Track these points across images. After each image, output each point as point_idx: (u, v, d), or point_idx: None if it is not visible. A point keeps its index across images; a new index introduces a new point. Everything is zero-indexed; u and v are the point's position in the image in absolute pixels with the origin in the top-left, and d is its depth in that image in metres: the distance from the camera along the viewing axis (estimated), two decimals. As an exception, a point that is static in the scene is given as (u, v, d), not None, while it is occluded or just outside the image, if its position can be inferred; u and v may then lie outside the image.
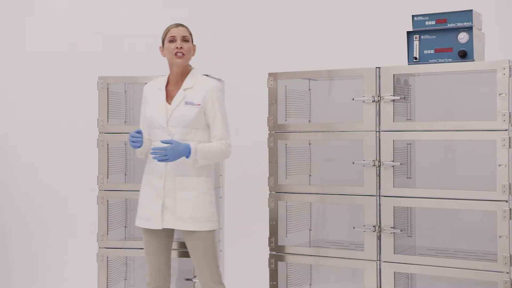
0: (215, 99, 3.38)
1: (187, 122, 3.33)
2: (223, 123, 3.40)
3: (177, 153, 3.25)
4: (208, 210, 3.37)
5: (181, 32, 3.42)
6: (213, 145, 3.36)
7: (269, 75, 3.89)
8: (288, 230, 3.94)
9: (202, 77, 3.47)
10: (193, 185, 3.35)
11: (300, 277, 4.02)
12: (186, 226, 3.32)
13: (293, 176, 3.98)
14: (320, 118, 4.09)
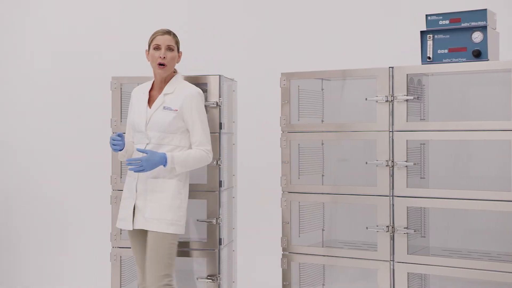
0: (193, 105, 3.42)
1: (164, 126, 3.39)
2: (201, 129, 3.43)
3: (153, 163, 3.31)
4: (175, 213, 3.42)
5: (166, 41, 3.46)
6: (191, 152, 3.41)
7: (282, 75, 3.88)
8: (301, 230, 3.94)
9: (183, 83, 3.53)
10: (163, 187, 3.41)
11: (313, 277, 4.02)
12: (152, 227, 3.39)
13: (306, 176, 3.97)
14: (333, 118, 4.08)
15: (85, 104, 5.11)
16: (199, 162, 3.45)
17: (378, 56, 4.52)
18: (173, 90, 3.46)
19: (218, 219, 3.84)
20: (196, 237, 4.01)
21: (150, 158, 3.31)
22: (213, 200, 3.85)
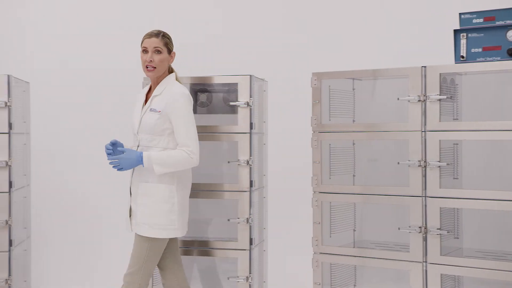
0: (176, 105, 3.37)
1: (149, 128, 3.39)
2: (185, 130, 3.37)
3: (130, 162, 3.33)
4: (162, 217, 3.39)
5: (153, 44, 3.43)
6: (171, 152, 3.36)
7: (313, 75, 3.87)
8: (332, 231, 3.92)
9: (172, 84, 3.47)
10: (153, 191, 3.40)
11: (344, 278, 4.00)
12: (142, 232, 3.39)
13: (337, 176, 3.96)
14: (364, 118, 4.06)
15: (117, 104, 5.14)
16: (180, 163, 3.36)
17: (410, 55, 4.48)
18: (161, 91, 3.44)
19: (249, 219, 3.84)
20: (227, 237, 4.02)
21: (126, 157, 3.33)
22: (244, 200, 3.86)
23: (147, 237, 3.39)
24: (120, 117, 4.99)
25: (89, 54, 5.19)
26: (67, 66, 5.25)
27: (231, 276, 3.91)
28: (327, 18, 4.90)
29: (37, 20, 5.17)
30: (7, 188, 3.95)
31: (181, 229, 3.48)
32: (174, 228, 3.43)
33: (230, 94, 4.13)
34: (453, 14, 3.69)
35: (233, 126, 3.90)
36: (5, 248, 3.93)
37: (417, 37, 4.55)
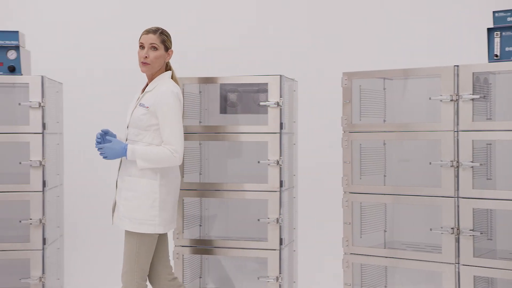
0: (163, 103, 3.38)
1: (136, 123, 3.42)
2: (169, 128, 3.37)
3: (114, 152, 3.38)
4: (146, 212, 3.39)
5: (149, 40, 3.44)
6: (155, 149, 3.37)
7: (344, 74, 3.86)
8: (363, 231, 3.90)
9: (165, 81, 3.48)
10: (135, 186, 3.41)
11: (375, 279, 3.97)
12: (123, 225, 3.43)
13: (368, 177, 3.93)
14: (395, 118, 4.03)
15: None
16: (163, 160, 3.36)
17: (442, 54, 4.43)
18: (152, 88, 3.46)
19: (279, 219, 3.84)
20: (257, 236, 4.03)
21: (111, 147, 3.38)
22: (274, 200, 3.86)
23: (135, 232, 3.40)
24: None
25: (121, 55, 5.23)
26: (99, 67, 5.31)
27: (261, 276, 3.91)
28: (357, 17, 4.87)
29: (71, 22, 5.24)
30: (41, 188, 4.01)
31: (163, 226, 3.45)
32: (154, 224, 3.40)
33: (260, 94, 4.14)
34: (486, 13, 3.64)
35: (263, 126, 3.91)
36: (39, 247, 3.99)
37: (449, 35, 4.49)
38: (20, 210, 4.13)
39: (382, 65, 4.06)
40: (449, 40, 4.49)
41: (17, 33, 4.09)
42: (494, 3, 4.03)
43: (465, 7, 4.49)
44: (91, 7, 5.29)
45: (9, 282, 4.30)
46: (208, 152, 4.30)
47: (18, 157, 4.06)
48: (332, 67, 4.49)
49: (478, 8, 4.32)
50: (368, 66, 4.02)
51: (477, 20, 4.00)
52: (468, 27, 4.35)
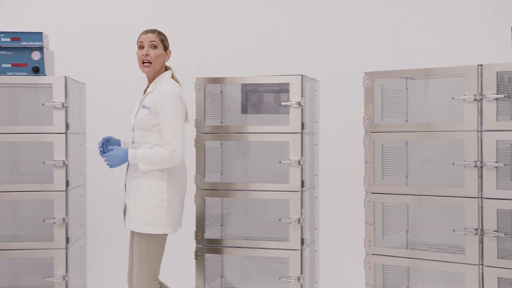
0: (164, 103, 3.38)
1: (140, 125, 3.45)
2: (169, 128, 3.37)
3: (117, 159, 3.41)
4: (154, 213, 3.42)
5: (149, 38, 3.46)
6: (154, 150, 3.39)
7: (365, 74, 3.84)
8: (385, 232, 3.88)
9: (165, 80, 3.48)
10: (142, 187, 3.44)
11: (397, 279, 3.95)
12: (133, 227, 3.47)
13: (390, 177, 3.91)
14: (418, 118, 4.00)
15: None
16: (163, 161, 3.38)
17: (465, 53, 4.39)
18: (153, 88, 3.48)
19: (300, 219, 3.84)
20: (278, 237, 4.03)
21: (114, 154, 3.41)
22: (295, 200, 3.85)
23: (144, 233, 3.43)
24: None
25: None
26: (122, 67, 5.35)
27: (282, 276, 3.91)
28: (379, 17, 4.85)
29: (94, 23, 5.28)
30: (64, 187, 4.05)
31: (172, 226, 3.49)
32: (162, 224, 3.44)
33: (281, 94, 4.13)
34: (510, 11, 3.60)
35: (285, 126, 3.90)
36: (62, 246, 4.03)
37: (472, 34, 4.45)
38: (44, 209, 4.17)
39: (404, 65, 4.04)
40: (472, 39, 4.45)
41: (41, 34, 4.13)
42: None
43: (489, 6, 4.44)
44: (114, 8, 5.33)
45: (33, 281, 4.35)
46: (229, 152, 4.31)
47: (42, 157, 4.11)
48: (354, 67, 4.47)
49: (502, 6, 4.28)
50: (390, 66, 4.00)
51: (501, 19, 3.96)
52: (492, 25, 4.30)
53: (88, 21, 5.28)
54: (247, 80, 4.11)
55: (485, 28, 4.40)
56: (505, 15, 3.85)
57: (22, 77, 4.10)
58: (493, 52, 4.12)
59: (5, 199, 4.22)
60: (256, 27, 5.11)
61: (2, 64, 4.10)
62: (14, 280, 4.48)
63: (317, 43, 4.96)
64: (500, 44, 3.90)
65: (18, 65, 4.10)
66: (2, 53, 4.10)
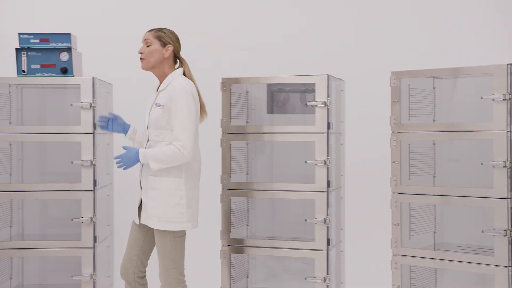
0: (177, 99, 3.41)
1: (155, 123, 3.48)
2: (180, 124, 3.39)
3: (130, 160, 3.46)
4: (173, 210, 3.45)
5: (144, 37, 3.56)
6: (163, 149, 3.41)
7: (392, 73, 3.81)
8: (412, 232, 3.85)
9: (176, 78, 3.51)
10: (160, 184, 3.47)
11: (424, 281, 3.92)
12: (152, 224, 3.48)
13: (417, 177, 3.88)
14: (445, 117, 3.96)
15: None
16: (171, 158, 3.40)
17: (493, 52, 4.34)
18: (165, 86, 3.52)
19: (326, 220, 3.83)
20: (303, 237, 4.02)
21: (127, 155, 3.45)
22: (321, 200, 3.84)
23: (166, 230, 3.45)
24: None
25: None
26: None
27: (308, 276, 3.90)
28: (406, 15, 4.81)
29: (121, 23, 5.32)
30: (91, 187, 4.10)
31: (191, 222, 3.52)
32: (182, 221, 3.47)
33: (307, 94, 4.13)
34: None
35: (310, 126, 3.89)
36: (90, 245, 4.07)
37: (501, 33, 4.39)
38: (72, 208, 4.22)
39: (431, 64, 4.00)
40: (501, 37, 4.39)
41: (69, 35, 4.18)
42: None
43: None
44: (142, 9, 5.36)
45: (61, 279, 4.41)
46: (255, 152, 4.32)
47: (70, 156, 4.15)
48: (380, 66, 4.45)
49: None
50: (417, 65, 3.97)
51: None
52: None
53: (116, 22, 5.32)
54: (273, 80, 4.11)
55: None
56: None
57: (51, 77, 4.16)
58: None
59: (35, 199, 4.29)
60: (282, 27, 5.11)
61: (32, 65, 4.15)
62: (43, 278, 4.54)
63: (343, 42, 4.94)
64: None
65: (47, 66, 4.16)
66: (31, 54, 4.16)
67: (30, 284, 4.49)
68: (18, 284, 4.46)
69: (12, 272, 4.39)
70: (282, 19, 5.11)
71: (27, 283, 4.49)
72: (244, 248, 4.05)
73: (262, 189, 4.01)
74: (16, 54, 4.16)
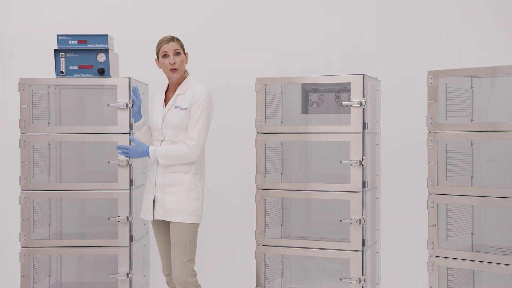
0: (199, 102, 3.63)
1: (175, 124, 3.65)
2: (196, 125, 3.62)
3: (137, 153, 3.67)
4: (193, 204, 3.65)
5: (172, 47, 3.69)
6: (173, 147, 3.65)
7: (429, 73, 3.77)
8: (449, 234, 3.80)
9: (194, 83, 3.73)
10: (180, 180, 3.65)
11: (462, 283, 3.86)
12: (172, 218, 3.63)
13: (454, 178, 3.83)
14: (483, 117, 3.90)
15: (230, 105, 5.23)
16: (181, 156, 3.63)
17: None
18: (184, 90, 3.69)
19: (361, 220, 3.80)
20: (338, 237, 4.00)
21: (135, 149, 3.67)
22: (356, 200, 3.82)
23: (186, 224, 3.61)
24: (237, 118, 5.04)
25: (204, 57, 5.32)
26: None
27: (343, 277, 3.88)
28: (441, 14, 4.75)
29: (158, 24, 5.37)
30: (128, 186, 4.14)
31: (201, 216, 3.72)
32: (199, 214, 3.68)
33: (342, 94, 4.10)
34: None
35: (346, 126, 3.87)
36: (126, 243, 4.12)
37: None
38: (108, 207, 4.28)
39: (468, 63, 3.94)
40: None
41: (106, 36, 4.24)
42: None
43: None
44: (177, 10, 5.40)
45: (98, 277, 4.47)
46: (289, 152, 4.31)
47: (106, 156, 4.21)
48: (417, 66, 4.39)
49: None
50: (454, 64, 3.91)
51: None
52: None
53: (153, 23, 5.36)
54: (307, 80, 4.10)
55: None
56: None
57: (88, 78, 4.22)
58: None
59: (72, 198, 4.36)
60: (318, 27, 5.09)
61: (70, 66, 4.22)
62: (80, 276, 4.61)
63: (379, 41, 4.90)
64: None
65: (84, 67, 4.22)
66: (69, 56, 4.22)
67: (68, 282, 4.56)
68: (56, 281, 4.54)
69: (50, 270, 4.47)
70: (317, 20, 5.09)
71: (65, 280, 4.56)
72: (278, 248, 4.05)
73: (297, 189, 4.01)
74: (55, 56, 4.23)
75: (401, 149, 4.75)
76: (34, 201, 4.19)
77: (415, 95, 4.28)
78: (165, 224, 3.74)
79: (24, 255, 4.13)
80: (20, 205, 4.13)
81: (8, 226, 4.84)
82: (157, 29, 5.34)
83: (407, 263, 4.58)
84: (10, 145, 4.52)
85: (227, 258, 5.24)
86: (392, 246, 4.51)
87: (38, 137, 4.20)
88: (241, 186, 4.95)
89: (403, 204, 4.67)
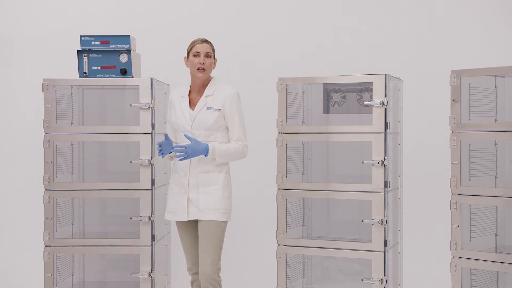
0: (233, 103, 3.74)
1: (209, 125, 3.71)
2: (240, 126, 3.74)
3: (196, 152, 3.64)
4: (226, 203, 3.74)
5: (205, 49, 3.77)
6: (231, 145, 3.73)
7: (452, 72, 3.73)
8: (472, 235, 3.76)
9: (221, 85, 3.82)
10: (215, 180, 3.73)
11: (485, 284, 3.82)
12: (208, 217, 3.68)
13: (477, 178, 3.79)
14: (508, 117, 3.85)
15: (251, 105, 5.23)
16: (237, 155, 3.74)
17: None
18: (213, 92, 3.77)
19: (383, 220, 3.78)
20: (359, 237, 3.98)
21: (194, 147, 3.63)
22: (378, 201, 3.80)
23: (220, 222, 3.69)
24: (259, 118, 5.04)
25: (227, 57, 5.33)
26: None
27: (365, 277, 3.86)
28: (464, 12, 4.70)
29: (179, 26, 5.39)
30: (150, 186, 4.17)
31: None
32: (230, 213, 3.78)
33: (363, 94, 4.09)
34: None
35: (367, 126, 3.85)
36: (148, 243, 4.15)
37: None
38: (130, 207, 4.31)
39: (492, 62, 3.90)
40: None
41: (128, 37, 4.27)
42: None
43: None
44: (198, 11, 5.42)
45: (121, 276, 4.50)
46: (311, 152, 4.30)
47: (129, 156, 4.24)
48: (439, 65, 4.36)
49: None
50: (477, 63, 3.87)
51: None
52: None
53: (175, 25, 5.39)
54: (329, 79, 4.09)
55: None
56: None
57: (111, 78, 4.25)
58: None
59: (95, 197, 4.40)
60: (340, 26, 5.07)
61: (93, 66, 4.26)
62: (102, 275, 4.65)
63: (401, 41, 4.87)
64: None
65: (107, 68, 4.26)
66: (92, 56, 4.26)
67: (90, 280, 4.60)
68: (79, 280, 4.58)
69: (73, 268, 4.51)
70: (339, 18, 5.07)
71: (88, 279, 4.60)
72: (300, 248, 4.04)
73: (318, 189, 4.00)
74: (78, 56, 4.27)
75: (423, 149, 4.71)
76: (58, 201, 4.23)
77: (438, 94, 4.25)
78: (193, 223, 3.78)
79: (48, 254, 4.18)
80: (44, 205, 4.18)
81: (32, 225, 4.90)
82: (179, 30, 5.38)
83: (430, 264, 4.54)
84: (34, 145, 4.57)
85: (248, 258, 5.24)
86: (414, 247, 4.48)
87: (62, 137, 4.25)
88: (262, 186, 4.95)
89: (425, 204, 4.64)
